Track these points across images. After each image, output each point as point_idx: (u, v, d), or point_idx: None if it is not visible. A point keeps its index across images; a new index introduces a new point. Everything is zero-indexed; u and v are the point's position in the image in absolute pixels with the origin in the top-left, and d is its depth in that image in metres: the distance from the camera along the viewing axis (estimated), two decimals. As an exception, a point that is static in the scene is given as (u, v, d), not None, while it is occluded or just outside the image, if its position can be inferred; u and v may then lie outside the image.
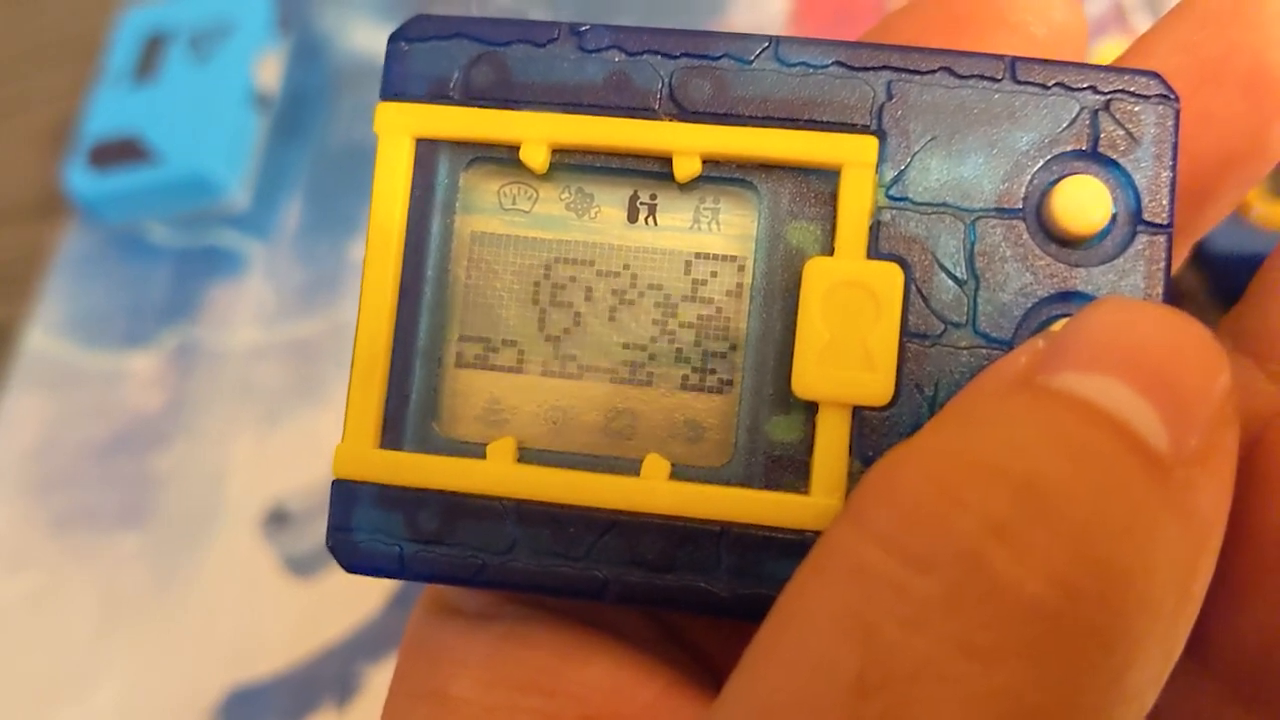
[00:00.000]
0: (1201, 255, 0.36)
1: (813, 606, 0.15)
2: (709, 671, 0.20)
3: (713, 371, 0.19)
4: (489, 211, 0.19)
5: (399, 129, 0.19)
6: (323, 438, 0.46)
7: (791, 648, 0.15)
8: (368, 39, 0.55)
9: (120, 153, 0.51)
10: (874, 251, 0.18)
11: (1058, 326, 0.18)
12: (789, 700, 0.14)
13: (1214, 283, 0.36)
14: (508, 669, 0.19)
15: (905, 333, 0.18)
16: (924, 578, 0.14)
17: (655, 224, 0.19)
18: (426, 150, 0.19)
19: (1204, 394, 0.15)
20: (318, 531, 0.44)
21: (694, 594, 0.18)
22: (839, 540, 0.15)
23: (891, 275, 0.18)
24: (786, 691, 0.14)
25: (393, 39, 0.19)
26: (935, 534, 0.14)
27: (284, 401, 0.47)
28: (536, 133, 0.19)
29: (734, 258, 0.19)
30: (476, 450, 0.19)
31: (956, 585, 0.14)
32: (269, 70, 0.53)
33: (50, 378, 0.50)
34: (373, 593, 0.43)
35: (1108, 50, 0.45)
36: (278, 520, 0.45)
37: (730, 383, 0.19)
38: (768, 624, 0.15)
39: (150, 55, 0.53)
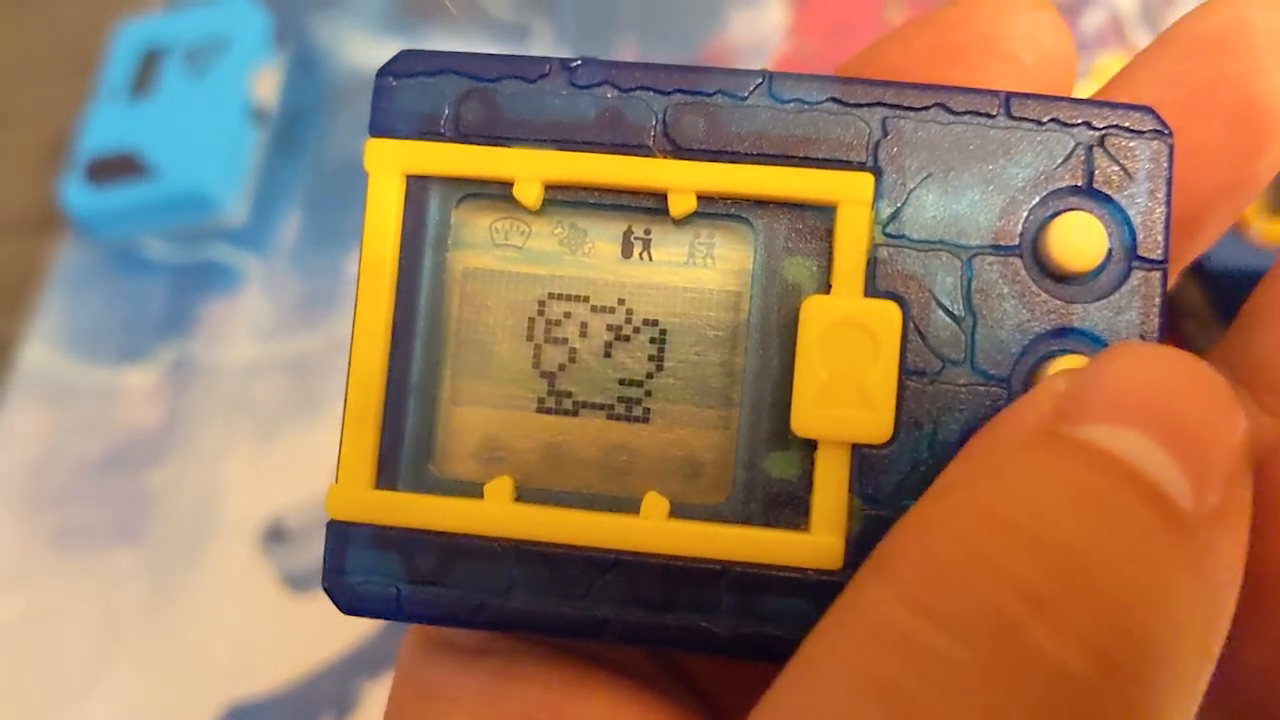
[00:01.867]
0: (1202, 272, 0.36)
1: (834, 663, 0.15)
2: (709, 707, 0.20)
3: (710, 407, 0.19)
4: (481, 247, 0.19)
5: (389, 167, 0.19)
6: (320, 453, 0.46)
7: (811, 702, 0.15)
8: (365, 53, 0.55)
9: (117, 168, 0.51)
10: (871, 289, 0.18)
11: (1059, 364, 0.18)
12: None
13: (1215, 299, 0.36)
14: (503, 706, 0.19)
15: (904, 370, 0.18)
16: (957, 643, 0.14)
17: (650, 259, 0.19)
18: (417, 187, 0.19)
19: (1224, 448, 0.15)
20: (315, 547, 0.44)
21: (695, 633, 0.18)
22: (864, 597, 0.15)
23: (889, 314, 0.18)
24: None
25: (380, 74, 0.19)
26: (969, 600, 0.14)
27: (281, 417, 0.47)
28: (529, 170, 0.19)
29: (730, 293, 0.19)
30: (473, 489, 0.19)
31: (993, 655, 0.14)
32: (266, 85, 0.53)
33: (47, 393, 0.50)
34: (371, 609, 0.43)
35: (1106, 66, 0.45)
36: (275, 536, 0.45)
37: (728, 419, 0.19)
38: (787, 675, 0.15)
39: (147, 70, 0.53)
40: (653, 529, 0.18)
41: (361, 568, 0.19)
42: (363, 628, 0.42)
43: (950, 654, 0.14)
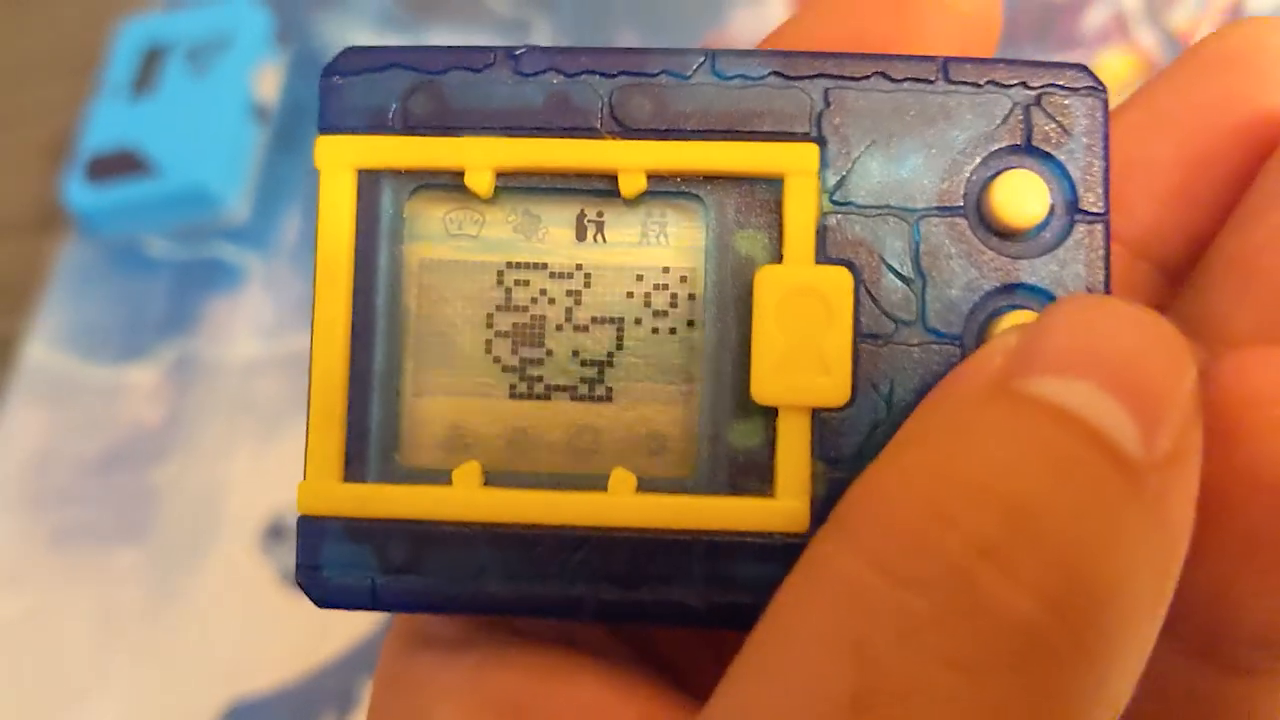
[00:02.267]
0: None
1: (803, 624, 0.15)
2: (683, 688, 0.20)
3: (672, 383, 0.19)
4: (436, 238, 0.19)
5: (340, 162, 0.19)
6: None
7: (782, 665, 0.15)
8: (367, 51, 0.55)
9: (119, 166, 0.51)
10: (822, 256, 0.19)
11: (1009, 319, 0.18)
12: (780, 717, 0.15)
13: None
14: (489, 694, 0.19)
15: (858, 334, 0.18)
16: (916, 597, 0.14)
17: (604, 240, 0.19)
18: (369, 181, 0.19)
19: (1173, 395, 0.15)
20: (317, 545, 0.44)
21: (669, 607, 0.18)
22: (828, 557, 0.15)
23: (841, 279, 0.18)
24: (778, 710, 0.15)
25: (325, 74, 0.19)
26: (925, 553, 0.14)
27: (282, 414, 0.47)
28: (479, 158, 0.19)
29: (685, 269, 0.19)
30: (442, 477, 0.19)
31: (947, 604, 0.14)
32: (268, 82, 0.53)
33: (48, 391, 0.50)
34: (371, 607, 0.43)
35: (1110, 61, 0.45)
36: (276, 534, 0.45)
37: (689, 393, 0.19)
38: (755, 639, 0.15)
39: (149, 68, 0.53)
40: (621, 504, 0.18)
41: (335, 561, 0.19)
42: (364, 626, 0.43)
43: (908, 607, 0.14)
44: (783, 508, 0.18)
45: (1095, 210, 0.18)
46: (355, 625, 0.43)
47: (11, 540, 0.47)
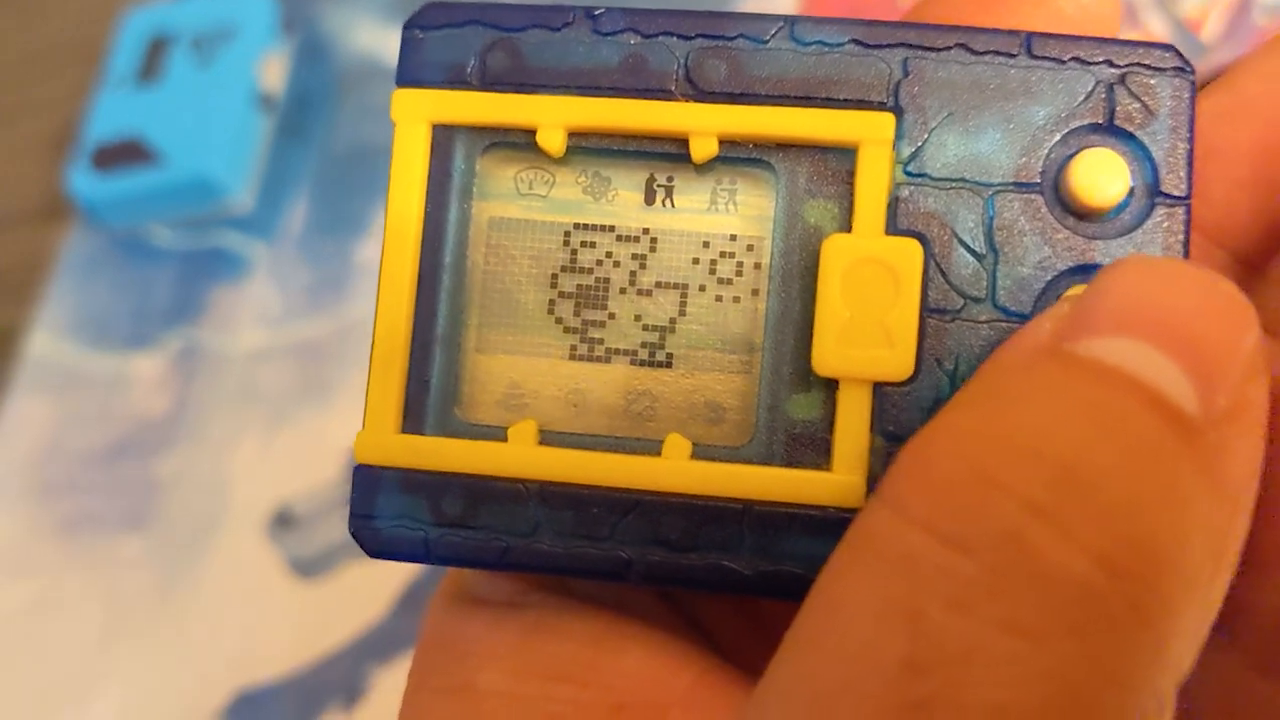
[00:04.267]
0: None
1: (854, 592, 0.15)
2: (731, 662, 0.20)
3: (732, 352, 0.19)
4: (506, 197, 0.20)
5: (415, 115, 0.19)
6: (328, 440, 0.46)
7: (836, 634, 0.15)
8: (372, 40, 0.55)
9: (124, 155, 0.51)
10: (892, 228, 0.18)
11: (1071, 292, 0.18)
12: (837, 686, 0.14)
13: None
14: (538, 659, 0.19)
15: (925, 308, 0.18)
16: (967, 560, 0.14)
17: (673, 206, 0.19)
18: (443, 136, 0.19)
19: (1231, 351, 0.15)
20: (324, 534, 0.44)
21: (717, 572, 0.18)
22: (876, 524, 0.15)
23: (910, 251, 0.18)
24: (833, 678, 0.15)
25: (407, 27, 0.20)
26: (975, 517, 0.14)
27: (289, 404, 0.47)
28: (553, 117, 0.19)
29: (752, 238, 0.19)
30: (499, 434, 0.19)
31: (1000, 567, 0.14)
32: (273, 72, 0.53)
33: (54, 381, 0.50)
34: (380, 594, 0.43)
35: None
36: (283, 523, 0.45)
37: (750, 363, 0.19)
38: (807, 609, 0.15)
39: (153, 57, 0.53)
40: (675, 469, 0.18)
41: (389, 512, 0.19)
42: (372, 613, 0.42)
43: (959, 570, 0.14)
44: (838, 481, 0.18)
45: (1177, 193, 0.18)
46: (363, 613, 0.43)
47: (17, 529, 0.47)
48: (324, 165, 0.52)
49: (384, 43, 0.54)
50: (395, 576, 0.43)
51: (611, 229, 0.19)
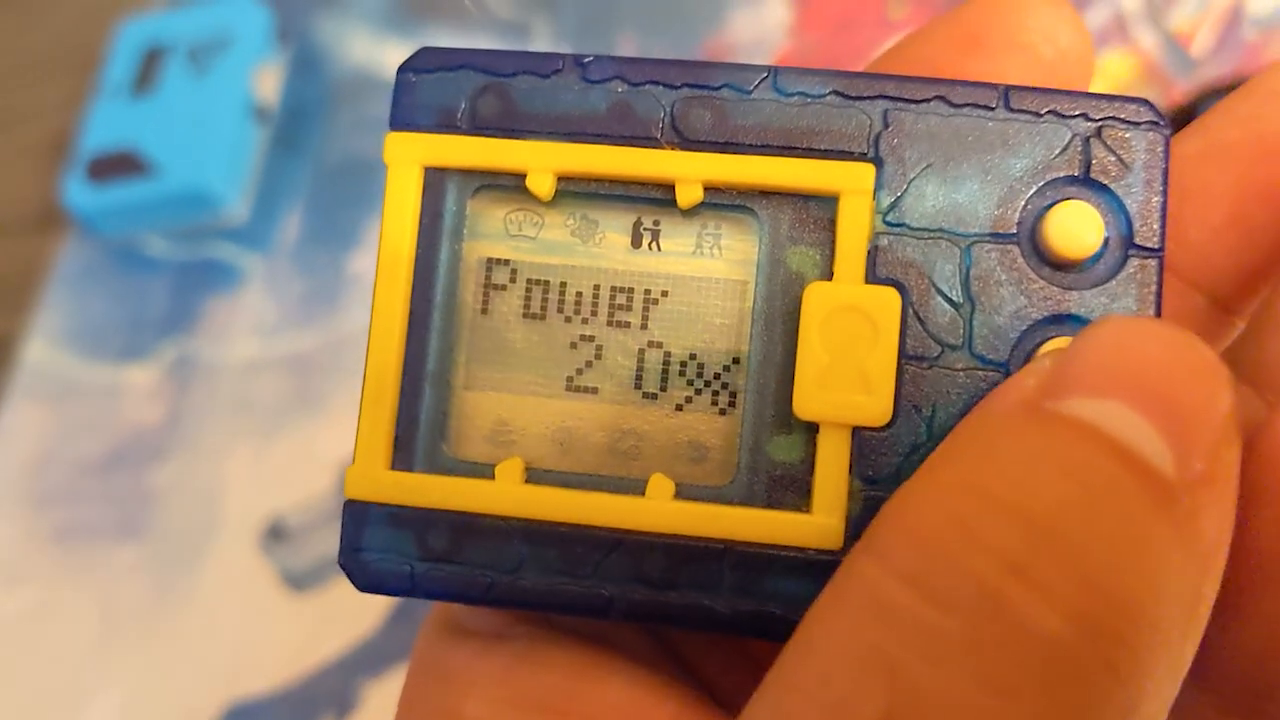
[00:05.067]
0: None
1: (834, 641, 0.15)
2: (713, 699, 0.20)
3: (716, 393, 0.19)
4: (496, 237, 0.20)
5: (408, 159, 0.20)
6: (321, 451, 0.46)
7: (814, 682, 0.15)
8: (367, 51, 0.55)
9: (118, 166, 0.51)
10: (872, 276, 0.19)
11: (1052, 345, 0.18)
12: None
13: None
14: (522, 689, 0.19)
15: (903, 355, 0.19)
16: (946, 616, 0.14)
17: (659, 249, 0.20)
18: (435, 178, 0.20)
19: (1207, 415, 0.15)
20: (316, 546, 0.44)
21: (697, 611, 0.19)
22: (860, 574, 0.15)
23: (889, 300, 0.18)
24: None
25: (401, 70, 0.20)
26: (955, 573, 0.15)
27: (282, 415, 0.47)
28: (542, 161, 0.19)
29: (736, 282, 0.19)
30: (485, 471, 0.19)
31: (978, 623, 0.14)
32: (268, 83, 0.53)
33: (49, 391, 0.50)
34: (372, 608, 0.43)
35: (1110, 63, 0.45)
36: (276, 535, 0.45)
37: (733, 404, 0.19)
38: (789, 652, 0.16)
39: (149, 68, 0.53)
40: (658, 509, 0.19)
41: (377, 546, 0.19)
42: (364, 626, 0.43)
43: (939, 624, 0.14)
44: (818, 524, 0.18)
45: (1150, 245, 0.19)
46: (354, 627, 0.43)
47: (11, 539, 0.47)
48: (318, 177, 0.52)
49: (378, 54, 0.54)
50: (386, 591, 0.43)
51: (600, 270, 0.20)
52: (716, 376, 0.19)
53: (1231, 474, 0.15)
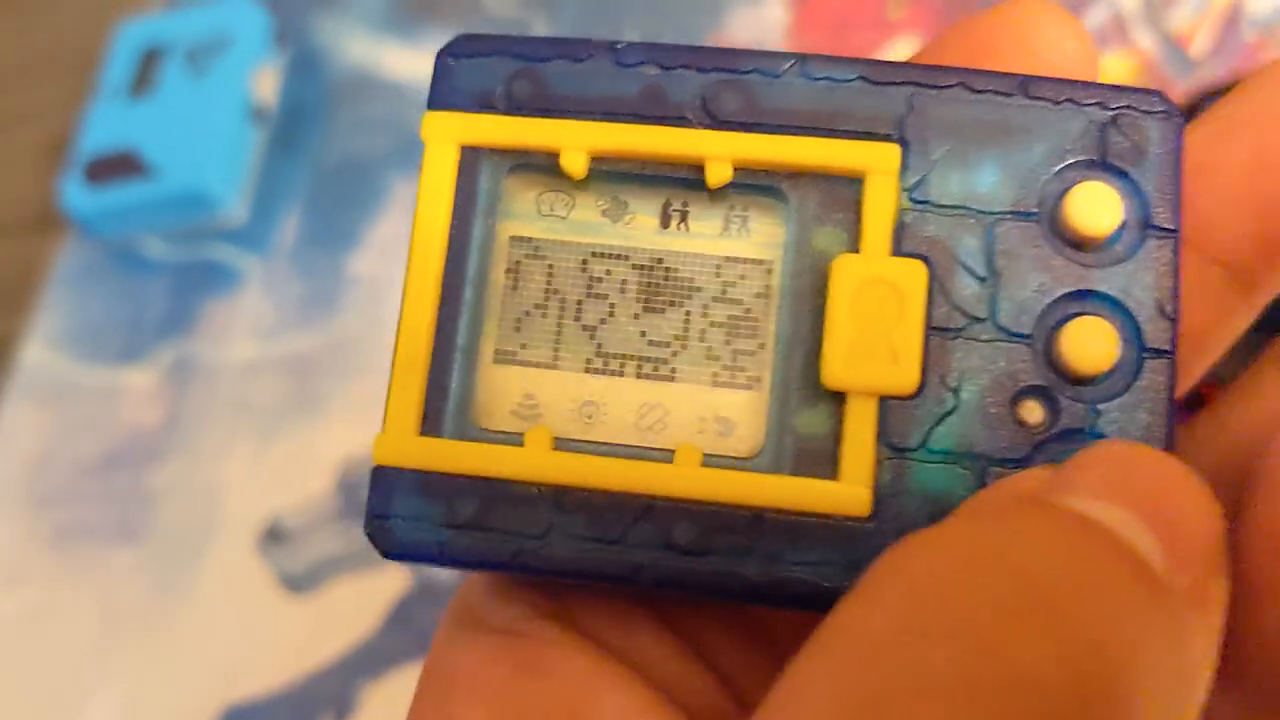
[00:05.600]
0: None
1: (823, 681, 0.15)
2: (733, 699, 0.20)
3: (742, 369, 0.20)
4: (528, 217, 0.20)
5: (445, 136, 0.20)
6: (320, 453, 0.46)
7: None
8: (365, 53, 0.55)
9: (117, 167, 0.51)
10: (898, 250, 0.19)
11: (1074, 327, 0.19)
12: None
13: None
14: (522, 700, 0.19)
15: (929, 326, 0.19)
16: (934, 650, 0.14)
17: (687, 230, 0.20)
18: (470, 157, 0.20)
19: (1201, 534, 0.16)
20: (314, 548, 0.44)
21: (727, 578, 0.19)
22: (849, 615, 0.16)
23: (915, 271, 0.19)
24: None
25: (440, 55, 0.20)
26: (948, 613, 0.15)
27: (281, 417, 0.47)
28: (575, 140, 0.20)
29: (763, 261, 0.20)
30: (514, 439, 0.20)
31: (968, 662, 0.14)
32: (266, 84, 0.53)
33: (47, 392, 0.50)
34: (370, 610, 0.43)
35: (1109, 63, 0.45)
36: (274, 537, 0.45)
37: (759, 379, 0.20)
38: (778, 691, 0.16)
39: (147, 69, 0.53)
40: (687, 475, 0.19)
41: (404, 513, 0.19)
42: (362, 628, 0.43)
43: (930, 665, 0.14)
44: (846, 491, 0.19)
45: (1167, 226, 0.19)
46: (353, 629, 0.43)
47: (10, 541, 0.47)
48: (316, 178, 0.52)
49: (377, 55, 0.54)
50: (385, 593, 0.43)
51: (628, 249, 0.20)
52: (744, 353, 0.20)
53: (1218, 604, 0.16)
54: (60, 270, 0.53)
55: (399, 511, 0.19)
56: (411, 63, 0.54)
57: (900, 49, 0.49)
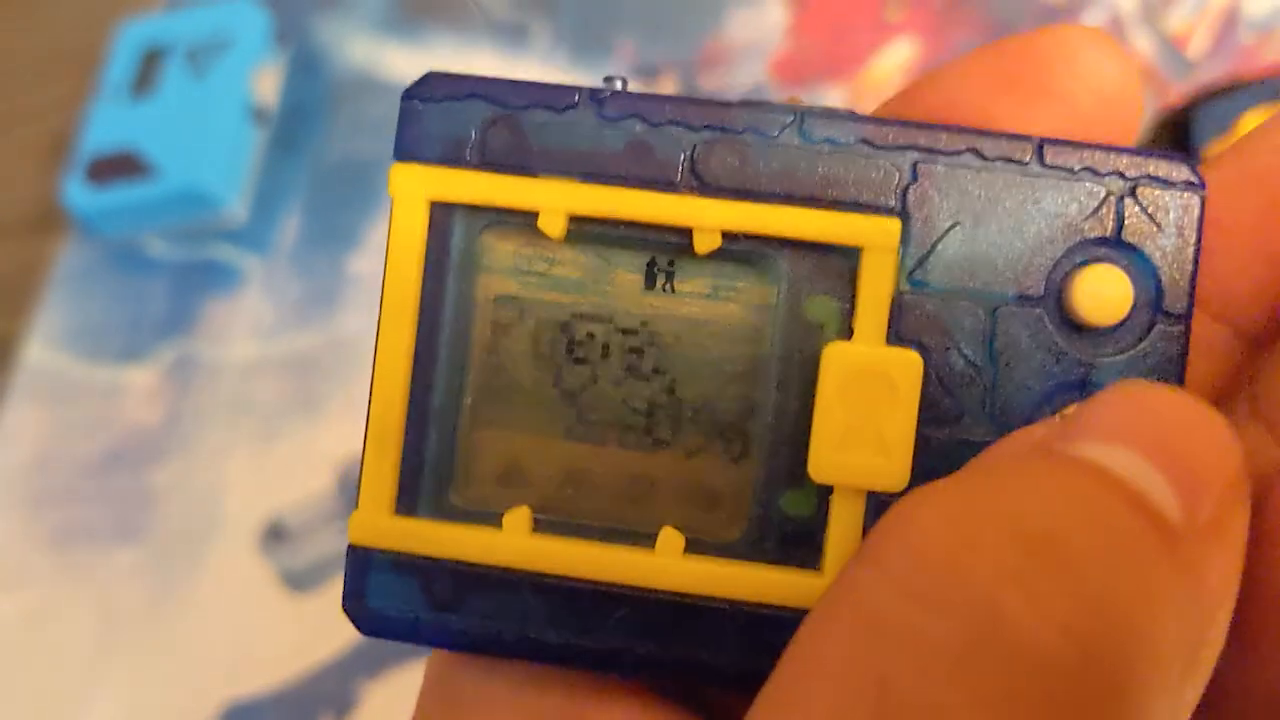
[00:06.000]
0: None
1: (826, 654, 0.15)
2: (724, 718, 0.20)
3: (729, 441, 0.19)
4: (505, 273, 0.19)
5: (414, 194, 0.19)
6: (320, 452, 0.46)
7: (805, 695, 0.15)
8: (366, 53, 0.55)
9: (118, 167, 0.51)
10: (893, 336, 0.18)
11: (1071, 410, 0.18)
12: None
13: None
14: (528, 710, 0.19)
15: (922, 419, 0.18)
16: (940, 622, 0.14)
17: (673, 291, 0.19)
18: (441, 214, 0.19)
19: (1216, 471, 0.15)
20: (315, 546, 0.44)
21: (705, 668, 0.18)
22: (854, 583, 0.15)
23: (910, 362, 0.18)
24: None
25: (406, 97, 0.19)
26: (951, 579, 0.14)
27: (281, 416, 0.47)
28: (554, 202, 0.19)
29: (752, 327, 0.19)
30: (492, 518, 0.19)
31: (971, 633, 0.14)
32: (267, 84, 0.53)
33: (48, 392, 0.50)
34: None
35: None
36: (275, 535, 0.45)
37: (746, 453, 0.19)
38: (780, 670, 0.15)
39: (148, 69, 0.53)
40: (667, 566, 0.18)
41: (381, 592, 0.19)
42: (361, 629, 0.43)
43: (931, 634, 0.14)
44: (829, 586, 0.18)
45: (1178, 312, 0.18)
46: (352, 628, 0.43)
47: (11, 540, 0.47)
48: (317, 178, 0.52)
49: (378, 56, 0.54)
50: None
51: (611, 310, 0.19)
52: (730, 424, 0.19)
53: (1238, 532, 0.15)
54: (61, 270, 0.53)
55: (375, 591, 0.19)
56: (412, 63, 0.54)
57: (899, 50, 0.49)
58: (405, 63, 0.54)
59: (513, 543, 0.19)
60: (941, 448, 0.18)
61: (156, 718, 0.43)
